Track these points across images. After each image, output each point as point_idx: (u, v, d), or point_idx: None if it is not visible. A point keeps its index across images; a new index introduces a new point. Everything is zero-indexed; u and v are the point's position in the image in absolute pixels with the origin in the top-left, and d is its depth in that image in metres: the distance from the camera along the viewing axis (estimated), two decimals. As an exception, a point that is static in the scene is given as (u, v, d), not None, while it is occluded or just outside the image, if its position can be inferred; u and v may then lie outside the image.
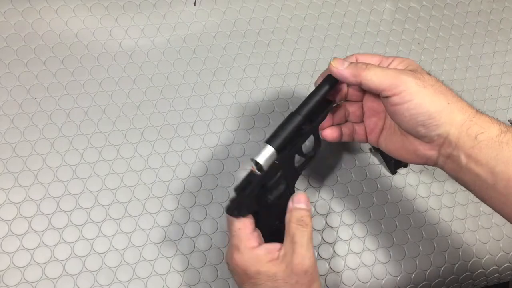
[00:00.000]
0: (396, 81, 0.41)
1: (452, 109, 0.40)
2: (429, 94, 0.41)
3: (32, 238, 0.53)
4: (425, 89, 0.41)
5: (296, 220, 0.44)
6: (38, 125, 0.57)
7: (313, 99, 0.47)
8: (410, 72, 0.42)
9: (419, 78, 0.41)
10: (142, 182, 0.57)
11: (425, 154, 0.43)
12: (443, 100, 0.41)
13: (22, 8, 0.61)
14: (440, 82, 0.43)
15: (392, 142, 0.47)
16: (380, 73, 0.42)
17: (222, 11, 0.67)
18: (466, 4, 0.75)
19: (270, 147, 0.44)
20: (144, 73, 0.62)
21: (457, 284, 0.61)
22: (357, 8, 0.71)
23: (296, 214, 0.44)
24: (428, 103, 0.40)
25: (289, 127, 0.46)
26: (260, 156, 0.44)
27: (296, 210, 0.45)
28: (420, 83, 0.41)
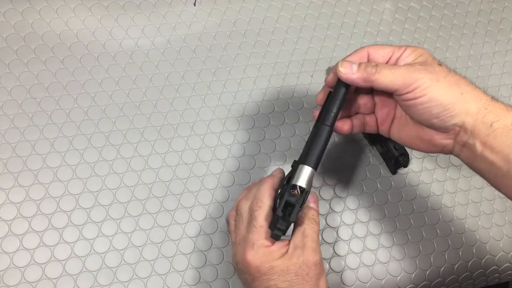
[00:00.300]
0: (409, 80, 0.41)
1: (466, 99, 0.41)
2: (442, 86, 0.40)
3: (32, 238, 0.53)
4: (438, 82, 0.41)
5: (308, 218, 0.46)
6: (38, 125, 0.57)
7: (335, 104, 0.45)
8: (422, 68, 0.41)
9: (431, 71, 0.41)
10: (142, 182, 0.57)
11: (440, 143, 0.43)
12: (457, 90, 0.41)
13: (22, 8, 0.61)
14: (452, 72, 0.42)
15: (405, 132, 0.47)
16: (390, 75, 0.41)
17: (222, 11, 0.67)
18: (466, 4, 0.75)
19: (308, 167, 0.44)
20: (144, 73, 0.62)
21: (457, 284, 0.61)
22: (357, 8, 0.71)
23: (308, 213, 0.47)
24: (442, 96, 0.40)
25: (321, 141, 0.44)
26: (301, 179, 0.43)
27: (308, 208, 0.47)
28: (433, 77, 0.41)
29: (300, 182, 0.43)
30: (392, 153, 0.60)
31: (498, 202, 0.64)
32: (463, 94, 0.41)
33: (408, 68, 0.42)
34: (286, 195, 0.43)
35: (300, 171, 0.44)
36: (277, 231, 0.43)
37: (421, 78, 0.41)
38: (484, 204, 0.64)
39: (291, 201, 0.43)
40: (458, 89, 0.41)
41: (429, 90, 0.40)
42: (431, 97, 0.40)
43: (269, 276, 0.43)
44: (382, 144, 0.61)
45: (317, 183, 0.60)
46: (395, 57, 0.44)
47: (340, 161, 0.62)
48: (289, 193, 0.43)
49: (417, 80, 0.41)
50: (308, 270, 0.44)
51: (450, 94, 0.41)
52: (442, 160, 0.64)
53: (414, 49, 0.44)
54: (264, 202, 0.45)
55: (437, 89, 0.40)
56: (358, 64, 0.43)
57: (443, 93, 0.40)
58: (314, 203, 0.48)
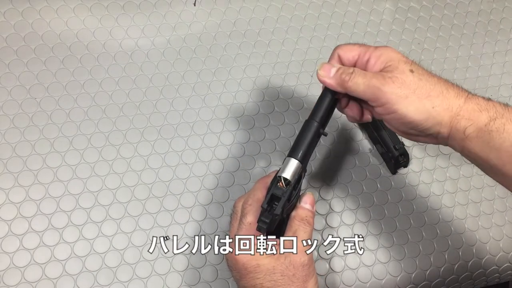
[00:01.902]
0: (379, 93, 0.40)
1: (437, 112, 0.40)
2: (411, 102, 0.40)
3: (32, 238, 0.53)
4: (407, 98, 0.40)
5: (300, 218, 0.46)
6: (38, 125, 0.57)
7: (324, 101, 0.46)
8: (390, 81, 0.41)
9: (401, 85, 0.40)
10: (142, 182, 0.57)
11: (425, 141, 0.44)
12: (427, 105, 0.40)
13: (22, 8, 0.61)
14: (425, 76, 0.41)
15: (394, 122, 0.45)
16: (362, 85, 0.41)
17: (222, 11, 0.67)
18: (466, 4, 0.75)
19: (294, 160, 0.44)
20: (144, 73, 0.62)
21: (457, 284, 0.61)
22: (357, 8, 0.71)
23: (301, 213, 0.46)
24: (413, 113, 0.40)
25: (308, 135, 0.45)
26: (286, 171, 0.43)
27: (302, 209, 0.46)
28: (401, 93, 0.40)
29: (284, 174, 0.43)
30: (392, 153, 0.60)
31: (498, 202, 0.64)
32: (434, 108, 0.40)
33: (378, 79, 0.41)
34: (272, 188, 0.44)
35: (285, 164, 0.44)
36: (261, 223, 0.42)
37: (390, 93, 0.40)
38: (484, 204, 0.64)
39: (277, 194, 0.43)
40: (428, 103, 0.40)
41: (398, 106, 0.40)
42: (402, 114, 0.40)
43: (255, 274, 0.43)
44: (382, 144, 0.61)
45: (317, 183, 0.60)
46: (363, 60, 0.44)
47: (340, 161, 0.62)
48: (275, 186, 0.43)
49: (386, 95, 0.40)
50: (295, 271, 0.43)
51: (421, 110, 0.40)
52: (442, 161, 0.64)
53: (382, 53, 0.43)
54: (254, 200, 0.46)
55: (406, 106, 0.40)
56: (337, 68, 0.43)
57: (413, 110, 0.40)
58: (310, 205, 0.47)
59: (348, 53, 0.45)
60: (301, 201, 0.47)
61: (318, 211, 0.59)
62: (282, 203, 0.43)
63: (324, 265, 0.57)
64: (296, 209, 0.46)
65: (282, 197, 0.43)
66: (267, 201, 0.43)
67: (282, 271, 0.43)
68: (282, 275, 0.43)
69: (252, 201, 0.45)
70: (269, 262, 0.43)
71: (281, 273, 0.43)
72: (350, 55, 0.45)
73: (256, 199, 0.46)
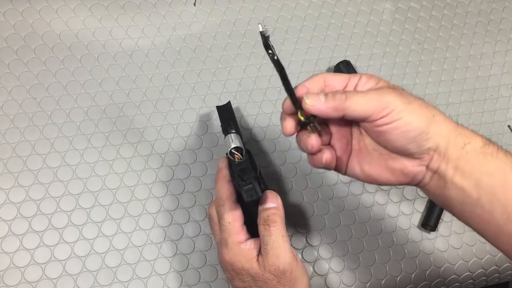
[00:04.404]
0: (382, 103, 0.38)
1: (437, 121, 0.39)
2: (415, 109, 0.39)
3: (32, 238, 0.53)
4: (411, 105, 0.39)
5: (262, 221, 0.44)
6: (38, 125, 0.57)
7: None
8: (391, 90, 0.39)
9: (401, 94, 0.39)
10: (142, 182, 0.57)
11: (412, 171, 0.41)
12: (429, 113, 0.39)
13: (22, 8, 0.61)
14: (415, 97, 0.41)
15: (369, 164, 0.42)
16: (362, 100, 0.39)
17: (222, 11, 0.67)
18: (466, 4, 0.75)
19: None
20: (144, 73, 0.62)
21: (458, 284, 0.61)
22: (357, 8, 0.71)
23: (262, 215, 0.44)
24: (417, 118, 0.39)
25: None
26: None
27: (263, 211, 0.44)
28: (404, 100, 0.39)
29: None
30: None
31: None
32: (435, 116, 0.39)
33: (377, 92, 0.39)
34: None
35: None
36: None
37: (393, 100, 0.38)
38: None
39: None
40: (429, 112, 0.39)
41: (404, 113, 0.38)
42: (407, 121, 0.38)
43: (243, 276, 0.43)
44: None
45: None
46: (353, 83, 0.42)
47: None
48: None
49: (390, 103, 0.38)
50: (278, 279, 0.42)
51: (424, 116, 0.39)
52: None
53: (371, 76, 0.42)
54: (223, 198, 0.45)
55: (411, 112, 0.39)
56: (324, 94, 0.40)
57: (417, 116, 0.39)
58: (270, 201, 0.45)
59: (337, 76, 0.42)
60: (261, 203, 0.45)
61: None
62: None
63: (324, 266, 0.57)
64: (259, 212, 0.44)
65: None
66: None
67: (265, 280, 0.42)
68: (265, 283, 0.42)
69: (222, 201, 0.45)
70: (252, 267, 0.43)
71: (264, 281, 0.42)
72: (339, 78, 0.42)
73: (225, 197, 0.45)
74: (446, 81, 0.69)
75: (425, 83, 0.69)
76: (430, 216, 0.60)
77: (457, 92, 0.69)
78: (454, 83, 0.70)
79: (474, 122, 0.68)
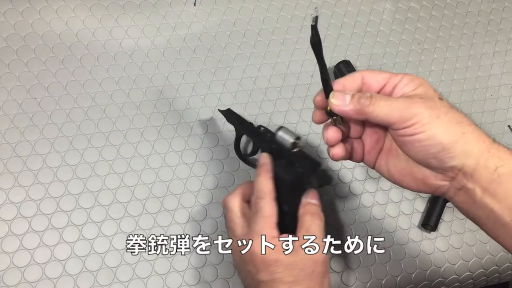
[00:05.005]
0: (407, 114, 0.37)
1: (468, 139, 0.37)
2: (443, 123, 0.37)
3: (32, 238, 0.53)
4: (439, 119, 0.37)
5: (310, 213, 0.45)
6: (38, 125, 0.57)
7: None
8: (421, 101, 0.37)
9: (432, 107, 0.37)
10: (142, 182, 0.57)
11: (434, 184, 0.39)
12: (459, 129, 0.37)
13: (22, 8, 0.61)
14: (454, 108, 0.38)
15: (395, 166, 0.42)
16: (387, 107, 0.37)
17: (222, 11, 0.67)
18: (466, 4, 0.75)
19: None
20: (144, 73, 0.62)
21: (458, 284, 0.61)
22: (357, 8, 0.71)
23: (310, 208, 0.46)
24: (442, 134, 0.36)
25: None
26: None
27: (310, 204, 0.46)
28: (433, 113, 0.37)
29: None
30: None
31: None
32: (465, 134, 0.37)
33: (406, 100, 0.38)
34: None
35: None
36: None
37: (420, 113, 0.37)
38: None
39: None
40: (460, 128, 0.37)
41: (428, 126, 0.36)
42: (430, 135, 0.37)
43: (275, 268, 0.43)
44: None
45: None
46: (392, 84, 0.40)
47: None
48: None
49: (416, 115, 0.37)
50: (314, 268, 0.43)
51: (451, 132, 0.37)
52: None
53: (413, 78, 0.40)
54: (265, 192, 0.46)
55: (437, 126, 0.37)
56: (351, 94, 0.39)
57: (443, 131, 0.36)
58: (316, 199, 0.47)
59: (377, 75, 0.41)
60: (308, 197, 0.47)
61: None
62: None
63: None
64: (303, 205, 0.46)
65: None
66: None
67: (303, 267, 0.43)
68: (302, 271, 0.43)
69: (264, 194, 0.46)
70: (289, 257, 0.43)
71: (301, 269, 0.43)
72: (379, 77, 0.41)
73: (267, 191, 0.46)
74: (446, 81, 0.69)
75: (425, 83, 0.69)
76: (430, 216, 0.60)
77: (457, 92, 0.69)
78: (454, 83, 0.70)
79: (474, 122, 0.68)
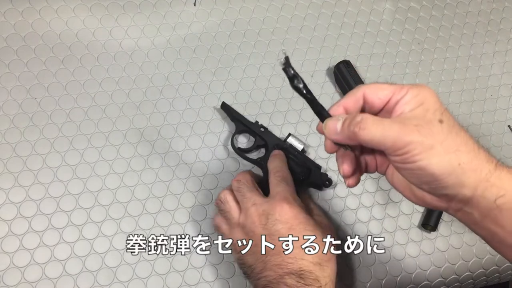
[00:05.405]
0: (400, 142, 0.35)
1: (463, 170, 0.35)
2: (436, 154, 0.35)
3: (32, 238, 0.53)
4: (432, 150, 0.35)
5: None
6: (38, 125, 0.57)
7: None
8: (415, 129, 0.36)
9: (427, 134, 0.35)
10: (142, 182, 0.57)
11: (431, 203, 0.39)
12: (454, 160, 0.35)
13: (22, 8, 0.61)
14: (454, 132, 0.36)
15: (398, 180, 0.41)
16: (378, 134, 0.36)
17: (222, 11, 0.67)
18: (466, 4, 0.75)
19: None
20: (144, 73, 0.62)
21: (458, 284, 0.61)
22: (357, 8, 0.71)
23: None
24: (434, 166, 0.35)
25: None
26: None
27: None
28: (427, 143, 0.35)
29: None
30: None
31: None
32: (461, 165, 0.35)
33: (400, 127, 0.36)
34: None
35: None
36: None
37: (413, 142, 0.35)
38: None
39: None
40: (455, 158, 0.35)
41: (420, 157, 0.35)
42: (422, 166, 0.35)
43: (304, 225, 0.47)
44: None
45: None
46: (394, 100, 0.38)
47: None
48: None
49: (408, 145, 0.35)
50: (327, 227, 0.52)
51: (444, 164, 0.35)
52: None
53: (417, 93, 0.38)
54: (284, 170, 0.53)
55: (429, 157, 0.35)
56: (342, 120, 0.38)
57: (436, 163, 0.35)
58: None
59: (379, 91, 0.39)
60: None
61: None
62: None
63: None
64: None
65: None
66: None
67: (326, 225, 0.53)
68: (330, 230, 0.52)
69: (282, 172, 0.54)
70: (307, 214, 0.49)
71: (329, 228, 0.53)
72: (381, 94, 0.39)
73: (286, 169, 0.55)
74: (446, 81, 0.69)
75: (425, 83, 0.69)
76: (430, 216, 0.60)
77: (457, 92, 0.69)
78: (454, 83, 0.70)
79: (474, 122, 0.68)
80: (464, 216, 0.38)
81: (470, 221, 0.38)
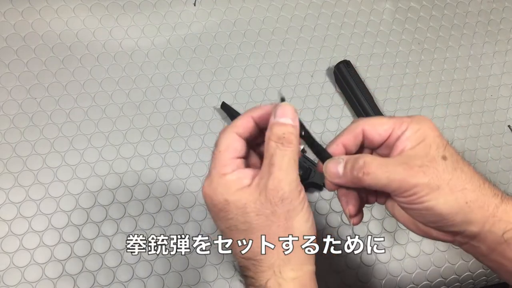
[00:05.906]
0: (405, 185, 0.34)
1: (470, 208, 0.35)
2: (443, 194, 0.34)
3: (32, 238, 0.53)
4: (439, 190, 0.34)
5: (276, 138, 0.35)
6: (38, 125, 0.57)
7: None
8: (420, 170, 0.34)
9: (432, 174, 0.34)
10: (142, 182, 0.57)
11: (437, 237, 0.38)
12: (460, 199, 0.34)
13: (22, 8, 0.61)
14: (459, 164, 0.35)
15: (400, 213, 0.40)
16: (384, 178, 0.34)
17: (222, 11, 0.67)
18: (466, 4, 0.75)
19: None
20: (144, 73, 0.62)
21: (458, 284, 0.61)
22: (357, 8, 0.71)
23: (277, 131, 0.35)
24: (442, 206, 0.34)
25: None
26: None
27: (278, 125, 0.35)
28: (433, 183, 0.34)
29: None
30: None
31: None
32: (467, 203, 0.35)
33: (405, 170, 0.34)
34: None
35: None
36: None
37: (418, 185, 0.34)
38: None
39: None
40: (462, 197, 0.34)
41: (427, 198, 0.34)
42: (429, 207, 0.35)
43: (226, 213, 0.35)
44: None
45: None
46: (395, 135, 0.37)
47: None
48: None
49: (416, 187, 0.34)
50: (273, 208, 0.34)
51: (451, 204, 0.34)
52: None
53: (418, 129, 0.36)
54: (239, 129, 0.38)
55: (436, 197, 0.34)
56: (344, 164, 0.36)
57: (443, 203, 0.34)
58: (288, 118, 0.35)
59: (378, 127, 0.37)
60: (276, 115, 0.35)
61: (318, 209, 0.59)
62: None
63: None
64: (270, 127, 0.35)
65: None
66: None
67: (257, 210, 0.34)
68: (257, 215, 0.34)
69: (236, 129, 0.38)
70: (240, 198, 0.34)
71: (256, 212, 0.34)
72: (381, 130, 0.37)
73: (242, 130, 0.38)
74: (446, 81, 0.69)
75: (425, 83, 0.69)
76: None
77: (457, 92, 0.69)
78: (454, 83, 0.70)
79: (474, 122, 0.68)
80: (471, 249, 0.38)
81: (478, 254, 0.37)
